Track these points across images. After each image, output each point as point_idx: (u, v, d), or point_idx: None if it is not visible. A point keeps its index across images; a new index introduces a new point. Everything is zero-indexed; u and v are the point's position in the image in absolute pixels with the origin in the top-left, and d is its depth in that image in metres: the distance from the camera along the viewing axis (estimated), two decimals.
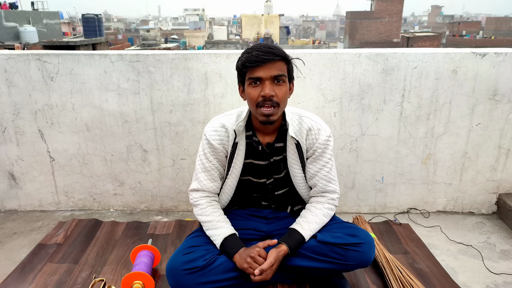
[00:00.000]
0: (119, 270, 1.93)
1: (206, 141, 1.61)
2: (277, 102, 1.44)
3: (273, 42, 35.76)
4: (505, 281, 1.92)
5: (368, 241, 1.54)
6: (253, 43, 36.44)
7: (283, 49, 1.49)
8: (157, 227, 2.35)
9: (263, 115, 1.46)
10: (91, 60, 2.34)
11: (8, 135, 2.50)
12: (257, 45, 1.45)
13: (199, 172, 1.65)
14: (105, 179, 2.60)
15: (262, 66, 1.41)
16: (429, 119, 2.40)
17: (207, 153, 1.62)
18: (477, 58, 2.28)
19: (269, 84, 1.43)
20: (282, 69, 1.45)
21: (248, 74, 1.45)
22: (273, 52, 1.41)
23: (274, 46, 1.44)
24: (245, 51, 1.48)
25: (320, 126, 1.60)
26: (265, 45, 1.43)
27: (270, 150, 1.62)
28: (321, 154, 1.60)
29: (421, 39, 33.76)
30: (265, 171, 1.66)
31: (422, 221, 2.50)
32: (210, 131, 1.60)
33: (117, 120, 2.46)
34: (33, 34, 20.61)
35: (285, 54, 1.46)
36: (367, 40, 39.26)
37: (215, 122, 1.62)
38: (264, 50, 1.41)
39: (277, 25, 43.87)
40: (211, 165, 1.62)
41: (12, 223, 2.51)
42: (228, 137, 1.60)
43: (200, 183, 1.63)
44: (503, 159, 2.47)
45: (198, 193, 1.65)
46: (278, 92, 1.44)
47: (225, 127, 1.60)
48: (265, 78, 1.42)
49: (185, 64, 2.33)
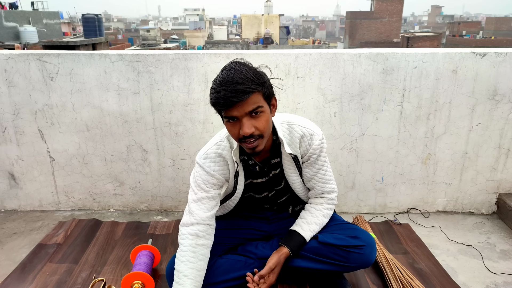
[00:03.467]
0: (119, 270, 1.93)
1: (203, 173, 1.52)
2: (259, 134, 1.35)
3: (273, 43, 35.68)
4: (505, 281, 1.92)
5: (369, 243, 1.53)
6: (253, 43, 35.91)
7: (256, 70, 1.36)
8: (157, 227, 2.35)
9: (248, 148, 1.39)
10: (91, 60, 2.34)
11: (8, 135, 2.50)
12: (224, 80, 1.29)
13: (192, 203, 1.53)
14: (105, 179, 2.60)
15: (233, 107, 1.29)
16: (429, 119, 2.40)
17: (202, 185, 1.53)
18: (477, 58, 2.28)
19: (247, 121, 1.31)
20: (256, 101, 1.31)
21: (223, 112, 1.34)
22: (241, 90, 1.26)
23: (243, 80, 1.28)
24: (213, 86, 1.33)
25: (312, 131, 1.53)
26: (232, 80, 1.27)
27: (267, 168, 1.60)
28: (317, 158, 1.56)
29: (421, 39, 33.76)
30: (266, 186, 1.65)
31: (422, 221, 2.50)
32: (207, 163, 1.52)
33: (117, 120, 2.46)
34: (33, 34, 20.61)
35: (256, 83, 1.30)
36: (367, 40, 39.26)
37: (211, 154, 1.53)
38: (231, 90, 1.26)
39: (277, 25, 43.85)
40: (207, 195, 1.53)
41: (12, 223, 2.51)
42: (227, 165, 1.54)
43: (194, 216, 1.50)
44: (503, 159, 2.47)
45: (188, 228, 1.50)
46: (259, 125, 1.34)
47: (222, 156, 1.53)
48: (240, 116, 1.31)
49: (185, 64, 2.33)
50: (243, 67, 1.32)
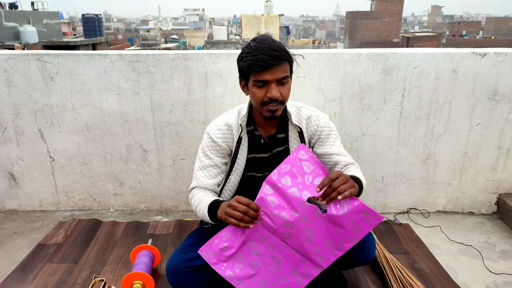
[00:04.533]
0: (119, 270, 1.93)
1: (209, 140, 1.62)
2: (282, 100, 1.48)
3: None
4: (505, 281, 1.92)
5: (369, 239, 1.54)
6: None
7: (288, 49, 1.49)
8: (157, 227, 2.35)
9: (269, 111, 1.49)
10: (91, 60, 2.34)
11: (8, 135, 2.50)
12: (261, 46, 1.42)
13: (197, 170, 1.65)
14: (105, 179, 2.60)
15: (268, 70, 1.42)
16: (429, 119, 2.40)
17: (207, 151, 1.63)
18: (477, 58, 2.28)
19: (275, 86, 1.44)
20: (286, 70, 1.46)
21: (254, 77, 1.45)
22: (278, 56, 1.41)
23: (278, 48, 1.43)
24: (248, 51, 1.45)
25: (318, 113, 1.66)
26: (269, 47, 1.41)
27: (272, 142, 1.65)
28: (329, 133, 1.65)
29: (421, 39, 33.76)
30: (268, 164, 1.66)
31: (422, 221, 2.50)
32: (213, 130, 1.62)
33: (117, 120, 2.46)
34: (33, 34, 20.60)
35: (289, 55, 1.46)
36: (367, 40, 39.26)
37: (218, 121, 1.64)
38: (270, 54, 1.40)
39: (277, 25, 43.86)
40: (211, 162, 1.63)
41: (12, 223, 2.51)
42: (232, 135, 1.62)
43: (197, 181, 1.63)
44: (503, 159, 2.47)
45: (194, 189, 1.64)
46: (283, 92, 1.47)
47: (228, 125, 1.62)
48: (271, 81, 1.44)
49: (185, 64, 2.33)
50: (274, 39, 1.48)
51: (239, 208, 1.31)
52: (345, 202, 1.28)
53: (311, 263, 1.38)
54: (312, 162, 1.32)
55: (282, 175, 1.32)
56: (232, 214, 1.32)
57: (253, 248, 1.39)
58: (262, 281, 1.40)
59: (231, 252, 1.38)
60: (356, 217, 1.28)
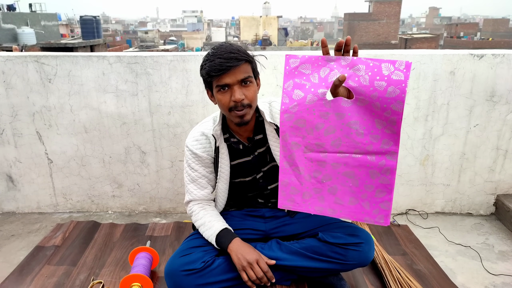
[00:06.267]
0: (117, 272, 1.92)
1: (189, 152, 1.63)
2: (248, 103, 1.45)
3: (271, 44, 35.74)
4: (504, 282, 1.92)
5: (367, 241, 1.55)
6: (251, 44, 35.93)
7: (247, 50, 1.48)
8: (156, 229, 2.35)
9: (237, 117, 1.47)
10: (89, 62, 2.34)
11: (6, 137, 2.49)
12: (218, 51, 1.42)
13: (188, 184, 1.67)
14: (103, 181, 2.60)
15: (227, 73, 1.40)
16: (427, 121, 2.40)
17: (191, 164, 1.64)
18: (475, 59, 2.28)
19: (238, 89, 1.42)
20: (247, 71, 1.44)
21: (215, 82, 1.44)
22: (235, 57, 1.39)
23: (235, 50, 1.42)
24: (206, 58, 1.45)
25: None
26: (226, 50, 1.41)
27: (252, 144, 1.63)
28: None
29: (419, 40, 33.86)
30: (252, 166, 1.66)
31: (421, 222, 2.50)
32: (191, 142, 1.62)
33: (115, 122, 2.45)
34: (31, 36, 20.60)
35: (247, 55, 1.45)
36: (365, 41, 39.35)
37: (194, 132, 1.64)
38: (226, 57, 1.39)
39: (275, 27, 43.95)
40: (197, 174, 1.64)
41: (10, 225, 2.50)
42: (210, 143, 1.62)
43: (190, 194, 1.66)
44: (501, 160, 2.47)
45: (191, 203, 1.68)
46: (248, 94, 1.44)
47: (205, 134, 1.62)
48: (232, 83, 1.42)
49: (183, 66, 2.33)
50: (232, 43, 1.48)
51: (257, 272, 1.47)
52: (360, 71, 1.18)
53: (382, 156, 1.26)
54: (306, 61, 1.23)
55: (291, 93, 1.25)
56: (249, 273, 1.47)
57: (321, 176, 1.32)
58: (351, 199, 1.32)
59: (306, 191, 1.33)
60: (380, 78, 1.16)
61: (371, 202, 1.31)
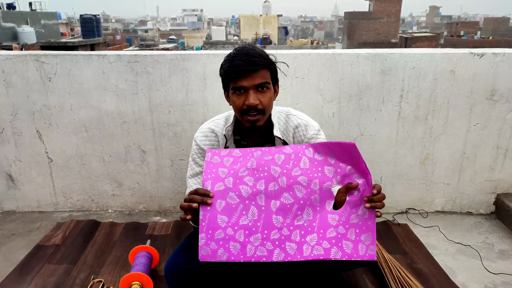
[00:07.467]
0: (117, 271, 1.92)
1: (196, 147, 1.61)
2: (262, 109, 1.43)
3: (271, 43, 35.71)
4: (504, 281, 1.92)
5: None
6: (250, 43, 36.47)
7: (266, 52, 1.46)
8: (156, 227, 2.35)
9: (248, 121, 1.45)
10: (89, 61, 2.34)
11: (6, 136, 2.49)
12: (238, 53, 1.41)
13: (189, 178, 1.65)
14: (104, 179, 2.60)
15: (245, 77, 1.39)
16: (428, 120, 2.40)
17: (196, 158, 1.62)
18: (475, 58, 2.28)
19: (253, 93, 1.41)
20: (265, 77, 1.43)
21: (232, 84, 1.43)
22: (254, 61, 1.38)
23: (256, 54, 1.40)
24: (226, 58, 1.45)
25: (307, 122, 1.59)
26: (246, 53, 1.40)
27: None
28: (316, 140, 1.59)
29: (419, 39, 33.82)
30: None
31: (421, 221, 2.50)
32: (200, 137, 1.61)
33: (116, 121, 2.45)
34: (31, 35, 20.60)
35: (267, 60, 1.44)
36: (366, 40, 39.31)
37: (204, 128, 1.63)
38: (245, 60, 1.38)
39: (276, 26, 43.90)
40: (200, 169, 1.62)
41: (10, 224, 2.50)
42: (218, 142, 1.60)
43: (190, 189, 1.62)
44: (501, 159, 2.47)
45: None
46: (263, 100, 1.43)
47: (215, 132, 1.60)
48: (248, 87, 1.41)
49: (183, 65, 2.33)
50: (256, 46, 1.47)
51: (195, 199, 1.29)
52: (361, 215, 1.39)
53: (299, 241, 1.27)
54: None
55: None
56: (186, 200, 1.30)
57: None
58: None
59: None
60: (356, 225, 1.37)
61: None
